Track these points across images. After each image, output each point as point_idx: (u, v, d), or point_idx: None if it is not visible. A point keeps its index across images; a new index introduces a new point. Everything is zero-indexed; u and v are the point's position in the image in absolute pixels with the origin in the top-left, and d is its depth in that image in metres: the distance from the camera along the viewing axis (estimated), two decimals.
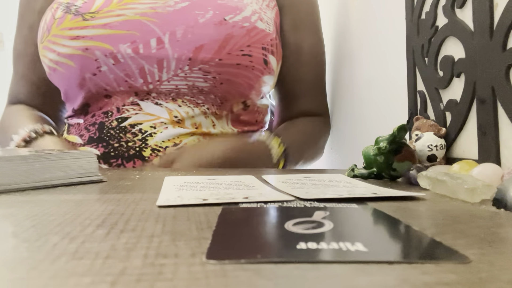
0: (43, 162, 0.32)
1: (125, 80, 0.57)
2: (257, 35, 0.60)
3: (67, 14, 0.58)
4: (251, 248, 0.15)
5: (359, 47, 0.75)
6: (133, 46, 0.56)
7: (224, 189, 0.29)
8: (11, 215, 0.21)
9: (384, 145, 0.36)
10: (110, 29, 0.56)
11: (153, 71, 0.57)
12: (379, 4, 0.66)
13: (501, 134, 0.37)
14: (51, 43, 0.58)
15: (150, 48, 0.56)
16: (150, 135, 0.56)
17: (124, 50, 0.56)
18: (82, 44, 0.56)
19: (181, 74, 0.58)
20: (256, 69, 0.60)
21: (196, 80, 0.58)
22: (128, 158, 0.55)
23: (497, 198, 0.24)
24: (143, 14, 0.57)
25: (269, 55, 0.62)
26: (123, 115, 0.57)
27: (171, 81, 0.58)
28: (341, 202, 0.24)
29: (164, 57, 0.57)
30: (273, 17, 0.66)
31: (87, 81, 0.58)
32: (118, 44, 0.56)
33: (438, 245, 0.16)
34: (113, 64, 0.57)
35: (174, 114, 0.58)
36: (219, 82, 0.59)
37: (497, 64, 0.36)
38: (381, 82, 0.65)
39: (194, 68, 0.57)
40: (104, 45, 0.56)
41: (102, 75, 0.58)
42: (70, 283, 0.12)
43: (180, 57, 0.57)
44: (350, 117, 0.79)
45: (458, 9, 0.43)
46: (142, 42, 0.56)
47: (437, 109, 0.46)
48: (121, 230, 0.18)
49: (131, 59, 0.57)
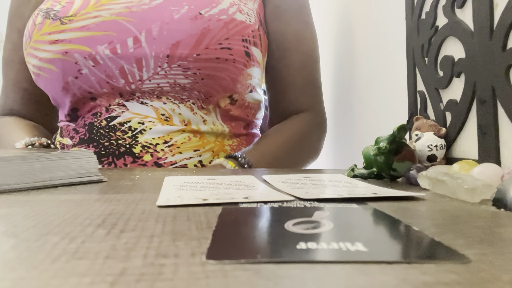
0: (43, 162, 0.32)
1: (106, 81, 0.57)
2: (235, 27, 0.59)
3: (46, 19, 0.58)
4: (251, 248, 0.15)
5: (359, 47, 0.75)
6: (111, 47, 0.56)
7: (224, 189, 0.29)
8: (11, 215, 0.21)
9: (384, 145, 0.36)
10: (88, 31, 0.56)
11: (133, 71, 0.57)
12: (379, 4, 0.66)
13: (501, 134, 0.37)
14: (33, 49, 0.59)
15: (128, 47, 0.56)
16: (140, 132, 0.56)
17: (102, 51, 0.56)
18: (61, 48, 0.57)
19: (161, 72, 0.57)
20: (238, 61, 0.59)
21: (177, 77, 0.58)
22: (119, 155, 0.56)
23: (497, 198, 0.24)
24: (119, 14, 0.57)
25: (251, 46, 0.61)
26: (111, 114, 0.57)
27: (152, 80, 0.58)
28: (341, 202, 0.24)
29: (142, 56, 0.56)
30: (255, 8, 0.64)
31: (70, 84, 0.58)
32: (95, 45, 0.56)
33: (438, 245, 0.16)
34: (93, 66, 0.57)
35: (160, 112, 0.58)
36: (200, 78, 0.58)
37: (497, 64, 0.36)
38: (381, 82, 0.65)
39: (173, 65, 0.57)
40: (83, 48, 0.56)
41: (84, 78, 0.58)
42: (70, 283, 0.12)
43: (158, 55, 0.56)
44: (350, 117, 0.79)
45: (458, 9, 0.43)
46: (119, 42, 0.56)
47: (437, 109, 0.46)
48: (121, 230, 0.18)
49: (110, 59, 0.57)
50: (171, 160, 0.56)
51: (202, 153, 0.58)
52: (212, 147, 0.59)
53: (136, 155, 0.55)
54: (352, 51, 0.78)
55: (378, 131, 0.65)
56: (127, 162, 0.55)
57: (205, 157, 0.58)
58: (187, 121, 0.58)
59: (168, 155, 0.56)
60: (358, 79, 0.75)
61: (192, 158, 0.57)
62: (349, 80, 0.79)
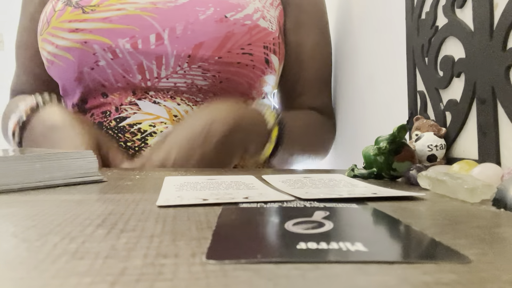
0: (43, 162, 0.32)
1: (123, 76, 0.57)
2: (258, 33, 0.59)
3: (68, 6, 0.57)
4: (251, 248, 0.15)
5: (359, 47, 0.75)
6: (132, 41, 0.56)
7: (224, 189, 0.29)
8: (11, 215, 0.21)
9: (384, 145, 0.36)
10: (110, 23, 0.56)
11: (151, 68, 0.57)
12: (379, 4, 0.66)
13: (501, 134, 0.37)
14: (50, 36, 0.58)
15: (149, 43, 0.56)
16: (150, 135, 0.56)
17: (122, 45, 0.56)
18: (81, 37, 0.56)
19: (180, 71, 0.57)
20: (257, 68, 0.59)
21: (195, 78, 0.58)
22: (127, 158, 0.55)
23: (497, 198, 0.24)
24: (144, 9, 0.57)
25: (271, 54, 0.61)
26: (121, 114, 0.57)
27: (170, 79, 0.57)
28: (341, 202, 0.24)
29: (163, 53, 0.56)
30: (276, 16, 0.65)
31: (85, 75, 0.58)
32: (117, 38, 0.56)
33: (438, 245, 0.16)
34: (112, 58, 0.56)
35: (173, 113, 0.57)
36: (218, 81, 0.58)
37: (497, 64, 0.36)
38: (381, 82, 0.65)
39: (193, 66, 0.57)
40: (103, 39, 0.56)
41: (100, 70, 0.57)
42: (70, 283, 0.12)
43: (179, 54, 0.56)
44: (350, 117, 0.79)
45: (458, 9, 0.43)
46: (141, 38, 0.56)
47: (437, 109, 0.46)
48: (121, 230, 0.18)
49: (130, 54, 0.56)
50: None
51: None
52: None
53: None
54: (352, 51, 0.78)
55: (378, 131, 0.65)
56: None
57: None
58: None
59: None
60: (358, 79, 0.75)
61: None
62: (349, 80, 0.79)
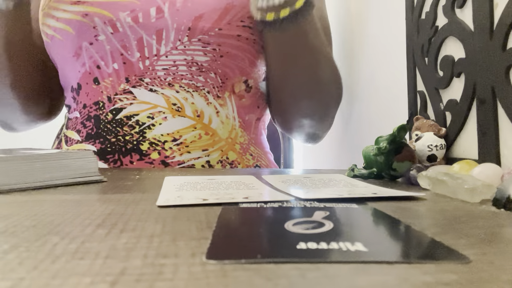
0: (44, 162, 0.32)
1: (120, 53, 0.57)
2: None
3: None
4: (251, 248, 0.15)
5: (359, 47, 0.75)
6: (133, 15, 0.56)
7: (224, 189, 0.29)
8: (11, 215, 0.21)
9: (384, 145, 0.36)
10: None
11: (151, 43, 0.57)
12: (379, 4, 0.66)
13: (501, 134, 0.37)
14: (52, 9, 0.58)
15: (150, 17, 0.56)
16: (149, 128, 0.55)
17: (123, 18, 0.56)
18: (82, 9, 0.56)
19: (180, 46, 0.57)
20: (257, 43, 0.60)
21: (195, 53, 0.57)
22: (125, 152, 0.55)
23: (497, 198, 0.24)
24: None
25: None
26: (116, 105, 0.57)
27: (169, 56, 0.57)
28: (341, 202, 0.24)
29: (163, 27, 0.56)
30: None
31: (83, 51, 0.58)
32: (118, 11, 0.56)
33: (438, 245, 0.16)
34: (111, 33, 0.56)
35: (172, 102, 0.57)
36: (219, 55, 0.58)
37: (497, 64, 0.36)
38: (381, 82, 0.65)
39: (193, 40, 0.57)
40: (104, 12, 0.56)
41: (98, 45, 0.57)
42: (70, 283, 0.12)
43: (179, 27, 0.56)
44: (350, 117, 0.79)
45: (458, 9, 0.43)
46: (141, 11, 0.56)
47: (437, 109, 0.46)
48: (121, 230, 0.18)
49: (130, 28, 0.56)
50: (179, 159, 0.55)
51: (211, 152, 0.58)
52: (222, 146, 0.59)
53: (143, 152, 0.54)
54: (352, 51, 0.78)
55: (378, 131, 0.65)
56: (134, 160, 0.55)
57: (213, 157, 0.58)
58: (199, 112, 0.57)
59: (176, 153, 0.55)
60: (358, 79, 0.75)
61: (200, 158, 0.56)
62: (349, 80, 0.79)
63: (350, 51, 0.79)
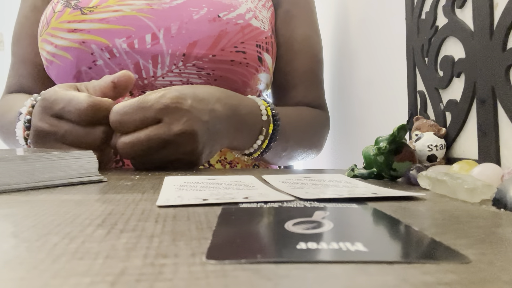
0: (43, 162, 0.32)
1: None
2: (251, 32, 0.60)
3: (67, 8, 0.59)
4: (251, 248, 0.15)
5: (359, 47, 0.75)
6: (129, 41, 0.57)
7: (224, 189, 0.29)
8: (11, 215, 0.21)
9: (384, 145, 0.36)
10: (107, 24, 0.57)
11: (147, 67, 0.58)
12: (379, 4, 0.66)
13: (501, 134, 0.37)
14: (50, 36, 0.59)
15: (145, 43, 0.57)
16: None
17: (119, 44, 0.57)
18: (79, 37, 0.57)
19: (175, 70, 0.58)
20: (250, 66, 0.61)
21: (190, 76, 0.59)
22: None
23: (497, 198, 0.24)
24: (140, 10, 0.58)
25: (263, 52, 0.63)
26: None
27: (166, 77, 0.59)
28: (341, 202, 0.24)
29: (159, 53, 0.58)
30: (268, 17, 0.67)
31: (83, 74, 0.59)
32: (114, 38, 0.57)
33: (438, 245, 0.16)
34: (109, 58, 0.58)
35: None
36: (213, 79, 0.59)
37: (497, 64, 0.36)
38: (381, 82, 0.65)
39: (188, 64, 0.58)
40: (100, 39, 0.57)
41: (97, 69, 0.58)
42: (70, 283, 0.12)
43: (174, 53, 0.57)
44: (350, 117, 0.79)
45: (458, 9, 0.43)
46: (137, 37, 0.57)
47: (437, 109, 0.46)
48: (121, 230, 0.18)
49: (126, 53, 0.58)
50: None
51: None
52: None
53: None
54: (352, 51, 0.78)
55: (378, 131, 0.65)
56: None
57: (213, 157, 0.58)
58: None
59: None
60: (358, 79, 0.75)
61: None
62: (349, 80, 0.79)
63: (350, 51, 0.79)
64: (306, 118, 0.67)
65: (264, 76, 0.65)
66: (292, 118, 0.63)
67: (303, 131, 0.65)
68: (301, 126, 0.65)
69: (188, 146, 0.44)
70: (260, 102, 0.55)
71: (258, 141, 0.54)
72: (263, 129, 0.54)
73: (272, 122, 0.55)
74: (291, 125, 0.61)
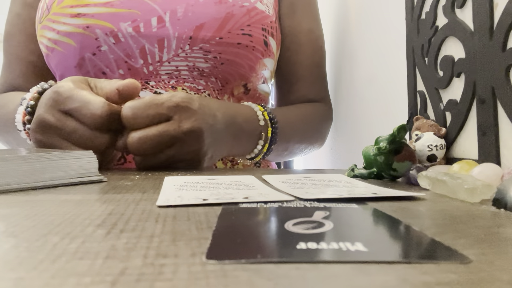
0: (43, 162, 0.32)
1: (124, 61, 0.57)
2: (257, 15, 0.61)
3: None
4: (251, 248, 0.15)
5: (359, 47, 0.75)
6: (134, 25, 0.56)
7: (224, 189, 0.29)
8: (11, 215, 0.21)
9: (384, 145, 0.36)
10: (112, 7, 0.56)
11: (153, 51, 0.57)
12: (379, 4, 0.66)
13: (501, 134, 0.37)
14: (51, 22, 0.58)
15: (151, 27, 0.57)
16: None
17: (124, 28, 0.56)
18: (83, 22, 0.56)
19: (181, 54, 0.58)
20: (256, 49, 0.61)
21: (197, 60, 0.58)
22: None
23: (497, 198, 0.24)
24: None
25: (269, 36, 0.63)
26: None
27: (172, 62, 0.58)
28: (341, 202, 0.24)
29: (165, 36, 0.57)
30: (272, 2, 0.67)
31: (86, 61, 0.58)
32: (118, 22, 0.56)
33: (438, 245, 0.16)
34: (114, 43, 0.57)
35: None
36: (219, 62, 0.59)
37: (497, 64, 0.36)
38: (381, 82, 0.65)
39: (195, 48, 0.58)
40: (105, 24, 0.56)
41: (102, 55, 0.57)
42: (70, 283, 0.12)
43: (181, 36, 0.57)
44: (350, 117, 0.79)
45: (458, 9, 0.43)
46: (143, 21, 0.56)
47: (437, 109, 0.46)
48: (121, 230, 0.18)
49: (132, 38, 0.57)
50: None
51: None
52: None
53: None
54: (352, 51, 0.78)
55: (378, 131, 0.65)
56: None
57: None
58: None
59: None
60: (358, 79, 0.75)
61: None
62: (349, 80, 0.79)
63: (350, 50, 0.79)
64: (306, 115, 0.68)
65: (269, 62, 0.65)
66: (291, 117, 0.63)
67: (303, 129, 0.66)
68: (301, 124, 0.65)
69: (194, 145, 0.45)
70: (257, 108, 0.55)
71: (259, 146, 0.55)
72: (262, 133, 0.54)
73: (270, 126, 0.55)
74: (290, 125, 0.62)
